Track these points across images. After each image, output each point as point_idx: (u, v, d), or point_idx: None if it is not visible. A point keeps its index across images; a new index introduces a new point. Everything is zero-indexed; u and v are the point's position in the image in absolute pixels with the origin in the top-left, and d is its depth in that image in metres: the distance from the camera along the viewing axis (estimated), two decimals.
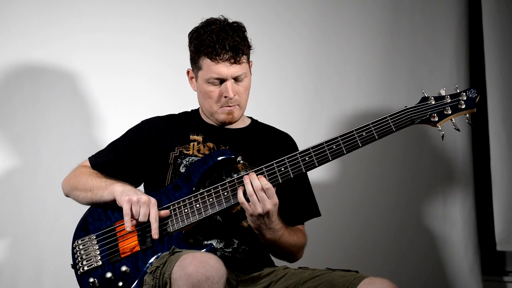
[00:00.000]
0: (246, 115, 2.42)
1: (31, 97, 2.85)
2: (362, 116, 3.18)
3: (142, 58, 2.97)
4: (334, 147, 2.14)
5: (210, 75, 2.24)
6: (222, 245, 2.23)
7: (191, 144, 2.32)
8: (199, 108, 2.42)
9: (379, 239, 3.22)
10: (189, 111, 2.45)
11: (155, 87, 2.99)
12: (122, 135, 2.39)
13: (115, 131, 2.51)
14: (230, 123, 2.33)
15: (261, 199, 2.09)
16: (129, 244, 2.16)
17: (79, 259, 2.19)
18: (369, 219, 3.22)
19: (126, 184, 2.22)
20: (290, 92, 3.18)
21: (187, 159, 2.29)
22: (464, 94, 2.15)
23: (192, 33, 2.29)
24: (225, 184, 2.17)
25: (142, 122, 2.40)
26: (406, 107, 2.16)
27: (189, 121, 2.39)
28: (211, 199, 2.16)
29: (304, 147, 2.18)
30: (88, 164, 2.35)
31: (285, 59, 3.18)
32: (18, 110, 2.84)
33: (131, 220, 2.13)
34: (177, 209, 2.18)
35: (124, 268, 2.14)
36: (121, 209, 2.14)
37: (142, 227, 2.16)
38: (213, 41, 2.22)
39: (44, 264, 2.83)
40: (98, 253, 2.18)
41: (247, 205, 2.10)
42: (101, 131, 2.91)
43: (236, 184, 2.15)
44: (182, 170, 2.27)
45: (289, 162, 2.15)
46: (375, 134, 2.13)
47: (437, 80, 3.24)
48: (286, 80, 3.19)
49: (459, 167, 3.25)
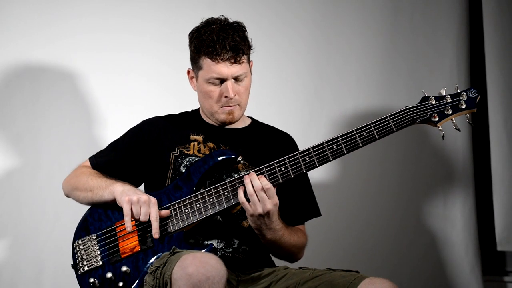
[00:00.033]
0: (246, 115, 2.42)
1: (31, 97, 2.85)
2: (362, 116, 3.17)
3: (142, 58, 2.97)
4: (335, 147, 2.14)
5: (210, 75, 2.24)
6: (222, 245, 2.23)
7: (192, 144, 2.32)
8: (199, 108, 2.42)
9: (379, 239, 3.21)
10: (190, 111, 2.45)
11: (155, 87, 2.99)
12: (123, 135, 2.39)
13: (115, 131, 2.51)
14: (231, 123, 2.33)
15: (261, 199, 2.09)
16: (130, 244, 2.16)
17: (80, 259, 2.19)
18: (369, 219, 3.21)
19: (126, 183, 2.22)
20: (290, 92, 3.18)
21: (187, 159, 2.29)
22: (465, 94, 2.15)
23: (193, 33, 2.29)
24: (225, 184, 2.17)
25: (142, 122, 2.40)
26: (407, 107, 2.16)
27: (189, 121, 2.39)
28: (211, 199, 2.16)
29: (304, 147, 2.18)
30: (89, 164, 2.35)
31: (285, 59, 3.18)
32: (18, 110, 2.84)
33: (132, 220, 2.13)
34: (177, 209, 2.18)
35: (124, 268, 2.13)
36: (122, 209, 2.14)
37: (143, 227, 2.16)
38: (214, 41, 2.21)
39: (44, 264, 2.83)
40: (99, 253, 2.18)
41: (247, 205, 2.10)
42: (101, 131, 2.91)
43: (237, 184, 2.15)
44: (183, 170, 2.27)
45: (290, 162, 2.14)
46: (375, 134, 2.13)
47: (437, 80, 3.24)
48: (286, 80, 3.18)
49: (460, 167, 3.25)
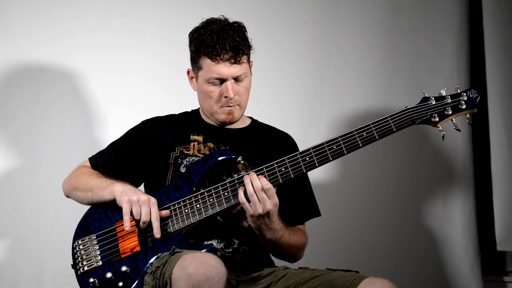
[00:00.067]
0: (246, 115, 2.42)
1: (31, 97, 2.85)
2: (362, 116, 3.17)
3: (142, 58, 2.97)
4: (335, 147, 2.14)
5: (210, 75, 2.24)
6: (222, 245, 2.22)
7: (192, 144, 2.32)
8: (199, 108, 2.42)
9: (379, 239, 3.21)
10: (189, 111, 2.45)
11: (155, 87, 2.99)
12: (122, 136, 2.39)
13: (115, 131, 2.51)
14: (230, 123, 2.33)
15: (261, 199, 2.09)
16: (130, 244, 2.16)
17: (79, 259, 2.19)
18: (369, 219, 3.22)
19: (126, 183, 2.22)
20: (290, 92, 3.18)
21: (187, 159, 2.29)
22: (465, 94, 2.15)
23: (193, 33, 2.29)
24: (225, 184, 2.16)
25: (142, 122, 2.40)
26: (407, 107, 2.16)
27: (189, 121, 2.39)
28: (211, 199, 2.16)
29: (304, 147, 2.17)
30: (88, 164, 2.35)
31: (285, 59, 3.18)
32: (18, 110, 2.84)
33: (131, 221, 2.13)
34: (177, 209, 2.18)
35: (124, 268, 2.13)
36: (122, 209, 2.14)
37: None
38: (214, 41, 2.21)
39: (44, 264, 2.83)
40: (98, 253, 2.18)
41: (248, 206, 2.10)
42: (101, 131, 2.90)
43: (237, 184, 2.15)
44: (183, 170, 2.27)
45: (290, 162, 2.14)
46: (375, 134, 2.13)
47: (437, 80, 3.24)
48: (286, 80, 3.18)
49: (460, 167, 3.25)
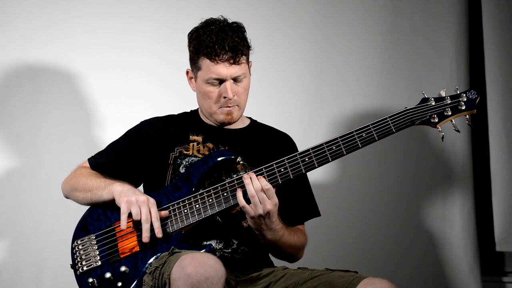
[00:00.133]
0: (245, 115, 2.42)
1: (31, 97, 2.85)
2: (362, 116, 3.17)
3: (142, 58, 2.97)
4: (334, 148, 2.14)
5: (209, 75, 2.24)
6: (221, 245, 2.23)
7: (191, 144, 2.32)
8: (198, 109, 2.42)
9: (379, 239, 3.21)
10: (189, 111, 2.45)
11: (155, 87, 2.99)
12: (122, 136, 2.39)
13: (115, 131, 2.51)
14: (229, 123, 2.33)
15: (261, 199, 2.09)
16: (129, 245, 2.16)
17: (79, 259, 2.19)
18: (369, 219, 3.21)
19: (125, 183, 2.22)
20: (290, 92, 3.18)
21: (186, 159, 2.29)
22: (464, 95, 2.15)
23: (192, 34, 2.29)
24: (224, 184, 2.17)
25: (142, 122, 2.40)
26: (406, 108, 2.16)
27: (188, 121, 2.39)
28: (210, 200, 2.16)
29: (304, 147, 2.17)
30: (88, 165, 2.35)
31: (285, 59, 3.17)
32: (18, 110, 2.84)
33: (129, 222, 2.13)
34: (176, 209, 2.18)
35: (123, 269, 2.13)
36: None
37: (142, 227, 2.16)
38: (213, 41, 2.21)
39: (44, 264, 2.83)
40: (98, 253, 2.18)
41: (248, 208, 2.09)
42: (101, 131, 2.91)
43: (236, 184, 2.15)
44: (182, 170, 2.27)
45: (289, 162, 2.14)
46: (375, 135, 2.13)
47: (437, 80, 3.24)
48: (286, 80, 3.18)
49: (459, 168, 3.25)
